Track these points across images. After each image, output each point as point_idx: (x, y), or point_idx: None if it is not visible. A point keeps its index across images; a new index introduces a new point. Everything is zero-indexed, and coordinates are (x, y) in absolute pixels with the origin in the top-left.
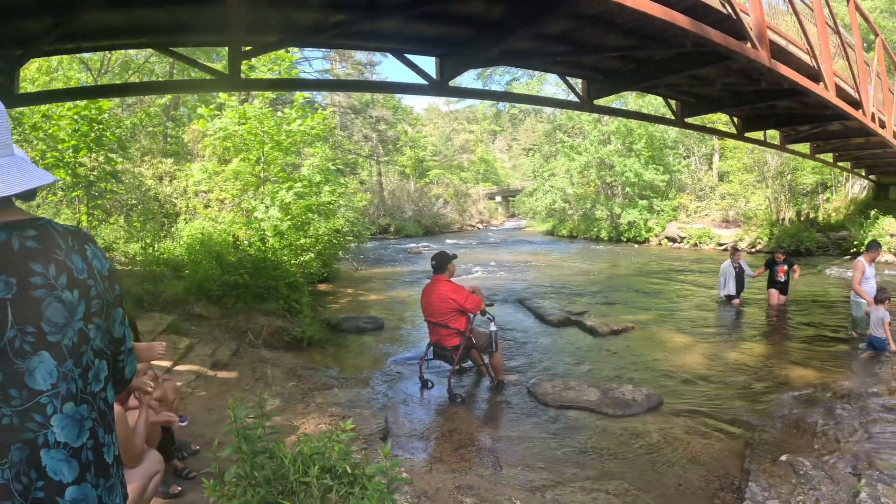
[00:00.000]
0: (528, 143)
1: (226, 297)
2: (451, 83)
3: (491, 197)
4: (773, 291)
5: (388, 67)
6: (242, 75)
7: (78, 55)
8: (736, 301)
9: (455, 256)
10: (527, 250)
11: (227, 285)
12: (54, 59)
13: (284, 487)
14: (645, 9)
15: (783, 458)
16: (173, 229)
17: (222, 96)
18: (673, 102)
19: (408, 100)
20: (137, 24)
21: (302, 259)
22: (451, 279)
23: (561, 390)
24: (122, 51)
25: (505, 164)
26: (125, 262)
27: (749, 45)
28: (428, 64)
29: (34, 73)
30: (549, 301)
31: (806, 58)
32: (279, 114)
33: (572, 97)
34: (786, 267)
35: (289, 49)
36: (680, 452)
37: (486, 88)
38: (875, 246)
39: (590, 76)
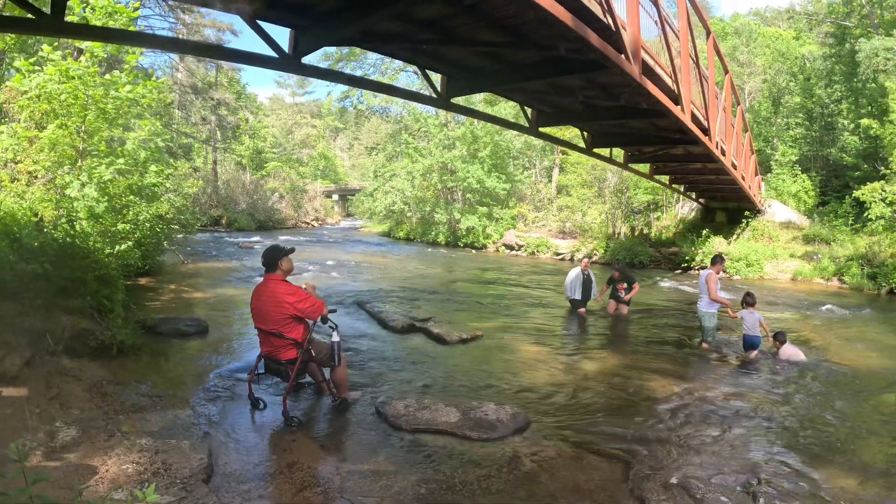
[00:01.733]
0: (370, 142)
1: (22, 289)
2: (304, 60)
3: (328, 195)
4: (612, 302)
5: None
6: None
7: None
8: (582, 310)
9: (292, 251)
10: (363, 251)
11: (25, 275)
12: None
13: None
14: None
15: (674, 480)
16: None
17: (46, 48)
18: (529, 111)
19: (253, 87)
20: None
21: (119, 248)
22: (287, 279)
23: (415, 410)
24: None
25: (345, 162)
26: None
27: (624, 57)
28: (282, 36)
29: None
30: (391, 305)
31: (669, 80)
32: (107, 76)
33: (430, 92)
34: (625, 284)
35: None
36: (560, 482)
37: (347, 73)
38: (720, 260)
39: (451, 72)
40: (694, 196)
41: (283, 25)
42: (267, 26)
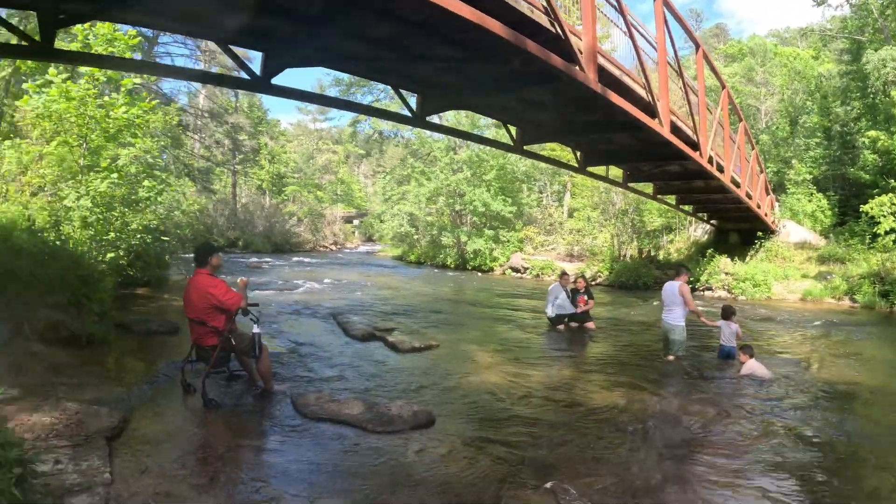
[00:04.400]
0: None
1: (9, 283)
2: (273, 81)
3: (348, 220)
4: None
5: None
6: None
7: None
8: (561, 326)
9: (219, 250)
10: (368, 272)
11: (11, 272)
12: None
13: None
14: (451, 7)
15: (548, 485)
16: None
17: (51, 73)
18: (513, 129)
19: (276, 113)
20: None
21: (109, 256)
22: (215, 274)
23: (324, 402)
24: None
25: (368, 188)
26: None
27: (577, 67)
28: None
29: None
30: (361, 317)
31: (642, 92)
32: (105, 97)
33: (405, 111)
34: (586, 297)
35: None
36: (431, 474)
37: (315, 92)
38: (686, 270)
39: (423, 90)
40: (705, 217)
41: (254, 49)
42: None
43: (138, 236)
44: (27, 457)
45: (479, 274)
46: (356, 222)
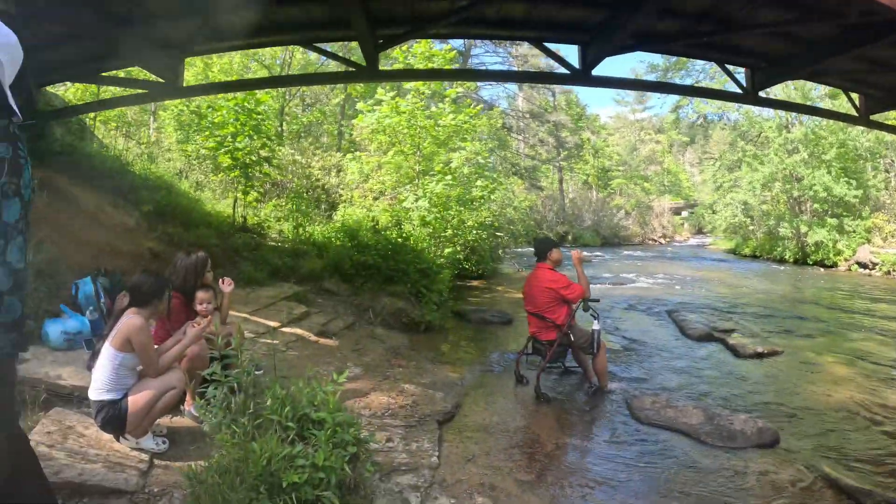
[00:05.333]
0: (718, 154)
1: (357, 275)
2: (593, 72)
3: (676, 212)
4: None
5: None
6: (383, 67)
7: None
8: None
9: (558, 244)
10: (700, 266)
11: (360, 265)
12: (236, 56)
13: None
14: None
15: None
16: (334, 216)
17: (379, 92)
18: (855, 97)
19: (593, 107)
20: (276, 21)
21: (446, 251)
22: (556, 269)
23: (661, 407)
24: (303, 52)
25: (694, 177)
26: (277, 239)
27: None
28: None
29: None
30: (697, 315)
31: None
32: (433, 108)
33: (732, 88)
34: None
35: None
36: None
37: (636, 78)
38: None
39: (752, 63)
40: None
41: (569, 43)
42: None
43: (474, 232)
44: (363, 436)
45: (821, 270)
46: (684, 213)
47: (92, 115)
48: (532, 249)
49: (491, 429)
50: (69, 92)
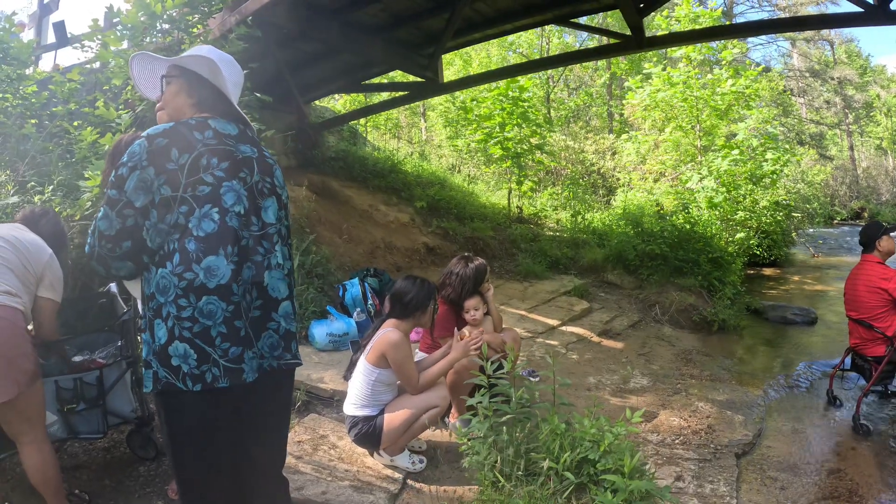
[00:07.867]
0: None
1: (642, 266)
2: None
3: None
4: None
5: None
6: (648, 34)
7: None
8: None
9: (890, 229)
10: None
11: (644, 255)
12: (493, 49)
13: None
14: None
15: None
16: (612, 201)
17: (648, 66)
18: None
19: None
20: (528, 3)
21: (737, 237)
22: (885, 262)
23: None
24: (559, 37)
25: None
26: (555, 229)
27: None
28: None
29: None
30: None
31: None
32: (708, 76)
33: None
34: None
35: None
36: None
37: None
38: None
39: None
40: None
41: None
42: None
43: (768, 213)
44: (647, 470)
45: None
46: None
47: (363, 121)
48: (829, 231)
49: (798, 469)
50: (339, 103)
